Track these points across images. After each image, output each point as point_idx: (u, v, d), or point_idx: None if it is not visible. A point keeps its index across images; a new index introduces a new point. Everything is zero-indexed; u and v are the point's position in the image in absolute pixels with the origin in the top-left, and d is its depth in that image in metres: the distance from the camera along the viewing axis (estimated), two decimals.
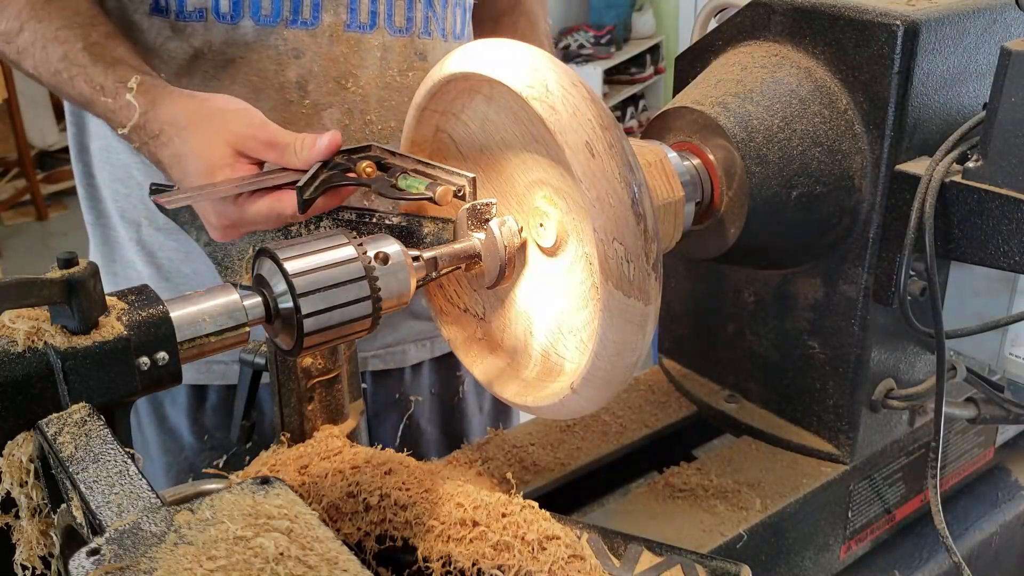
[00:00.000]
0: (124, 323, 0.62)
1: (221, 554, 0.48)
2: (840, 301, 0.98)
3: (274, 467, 0.88)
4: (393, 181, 0.84)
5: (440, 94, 0.82)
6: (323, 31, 1.09)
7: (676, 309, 1.18)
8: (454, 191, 0.80)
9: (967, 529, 1.20)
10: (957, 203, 0.88)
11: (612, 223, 0.68)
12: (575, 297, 0.79)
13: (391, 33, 1.13)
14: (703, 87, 0.95)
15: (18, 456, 0.60)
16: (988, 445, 1.24)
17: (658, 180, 0.86)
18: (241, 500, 0.52)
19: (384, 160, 0.85)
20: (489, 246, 0.81)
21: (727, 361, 1.13)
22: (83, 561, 0.47)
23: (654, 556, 0.80)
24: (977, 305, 1.03)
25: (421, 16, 1.14)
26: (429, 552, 0.80)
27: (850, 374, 1.00)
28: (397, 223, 0.86)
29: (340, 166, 0.85)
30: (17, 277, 0.58)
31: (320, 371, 0.92)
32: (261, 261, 0.71)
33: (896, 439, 1.07)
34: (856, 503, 1.07)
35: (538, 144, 0.77)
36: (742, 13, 0.99)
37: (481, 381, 0.88)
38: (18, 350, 0.59)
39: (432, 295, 0.92)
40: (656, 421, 1.12)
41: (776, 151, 0.89)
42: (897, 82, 0.88)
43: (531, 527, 0.79)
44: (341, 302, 0.70)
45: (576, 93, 0.70)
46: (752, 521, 0.94)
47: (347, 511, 0.83)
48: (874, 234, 0.93)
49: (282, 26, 1.08)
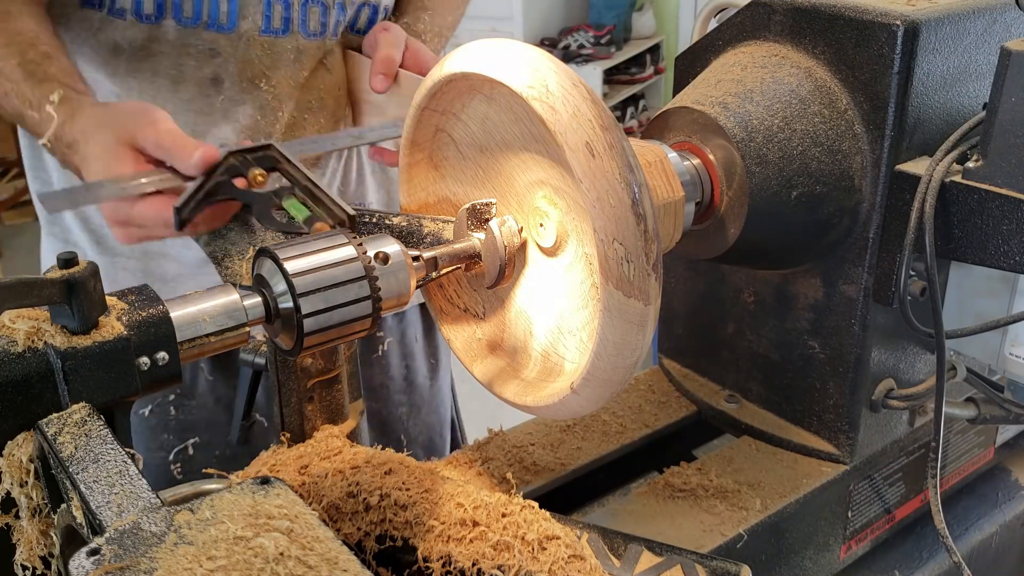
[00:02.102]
0: (124, 323, 0.62)
1: (221, 554, 0.48)
2: (840, 301, 0.98)
3: (274, 467, 0.88)
4: (278, 202, 0.85)
5: (440, 94, 0.82)
6: (239, 35, 1.16)
7: (676, 309, 1.18)
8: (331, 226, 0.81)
9: (967, 529, 1.20)
10: (957, 203, 0.88)
11: (612, 223, 0.68)
12: (575, 297, 0.79)
13: (304, 37, 1.19)
14: (703, 87, 0.95)
15: (18, 456, 0.60)
16: (988, 445, 1.24)
17: (658, 180, 0.86)
18: (241, 500, 0.52)
19: (277, 166, 0.86)
20: (489, 246, 0.81)
21: (727, 361, 1.13)
22: (83, 561, 0.47)
23: (654, 556, 0.80)
24: (977, 305, 1.03)
25: (333, 21, 1.21)
26: (429, 552, 0.80)
27: (850, 374, 1.00)
28: (397, 223, 0.86)
29: (233, 168, 0.86)
30: (17, 277, 0.58)
31: (320, 371, 0.92)
32: (261, 261, 0.71)
33: (896, 439, 1.08)
34: (856, 503, 1.07)
35: (538, 144, 0.77)
36: (742, 13, 0.99)
37: (481, 381, 0.88)
38: (18, 350, 0.59)
39: (432, 295, 0.92)
40: (656, 421, 1.12)
41: (776, 151, 0.89)
42: (897, 82, 0.88)
43: (531, 527, 0.79)
44: (341, 302, 0.70)
45: (576, 93, 0.70)
46: (752, 521, 0.94)
47: (347, 511, 0.83)
48: (874, 234, 0.93)
49: (201, 28, 1.14)
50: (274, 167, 0.87)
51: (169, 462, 1.29)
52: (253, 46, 1.16)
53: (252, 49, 1.16)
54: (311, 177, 0.84)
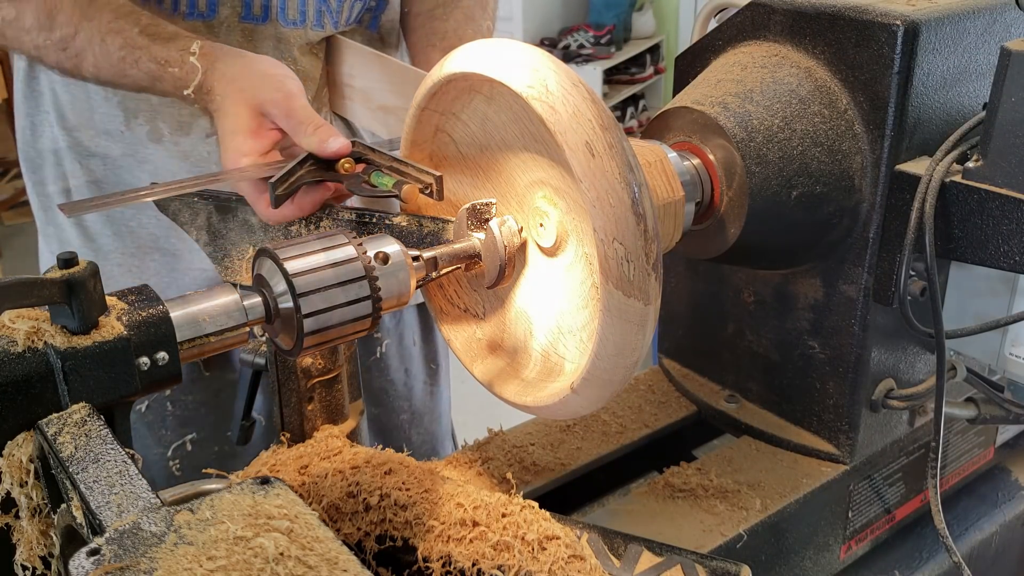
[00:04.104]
0: (124, 323, 0.62)
1: (221, 554, 0.48)
2: (840, 301, 0.98)
3: (274, 467, 0.88)
4: (366, 177, 0.88)
5: (440, 94, 0.82)
6: (219, 22, 1.16)
7: (676, 309, 1.18)
8: (420, 188, 0.84)
9: (967, 529, 1.20)
10: (957, 203, 0.88)
11: (612, 223, 0.68)
12: (575, 297, 0.79)
13: (284, 25, 1.19)
14: (703, 87, 0.95)
15: (18, 456, 0.60)
16: (988, 445, 1.24)
17: (658, 180, 0.86)
18: (241, 500, 0.52)
19: (363, 155, 0.89)
20: (489, 246, 0.81)
21: (727, 361, 1.13)
22: (83, 561, 0.47)
23: (654, 556, 0.80)
24: (977, 305, 1.03)
25: (314, 11, 1.21)
26: (429, 552, 0.80)
27: (850, 374, 1.00)
28: (397, 223, 0.86)
29: (322, 161, 0.88)
30: (17, 277, 0.58)
31: (320, 371, 0.92)
32: (261, 261, 0.71)
33: (896, 439, 1.07)
34: (856, 503, 1.07)
35: (538, 144, 0.77)
36: (742, 13, 0.99)
37: (481, 381, 0.88)
38: (18, 350, 0.59)
39: (432, 295, 0.92)
40: (656, 421, 1.12)
41: (776, 151, 0.89)
42: (897, 82, 0.88)
43: (531, 527, 0.79)
44: (341, 302, 0.70)
45: (576, 93, 0.70)
46: (752, 521, 0.94)
47: (347, 511, 0.83)
48: (874, 234, 0.93)
49: (180, 17, 1.15)
50: (359, 158, 0.89)
51: (168, 458, 1.29)
52: (233, 33, 1.17)
53: (232, 36, 1.17)
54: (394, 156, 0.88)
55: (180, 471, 1.30)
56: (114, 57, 1.03)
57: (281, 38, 1.20)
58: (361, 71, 1.23)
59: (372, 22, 1.30)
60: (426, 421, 1.52)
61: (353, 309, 0.71)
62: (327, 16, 1.22)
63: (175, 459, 1.29)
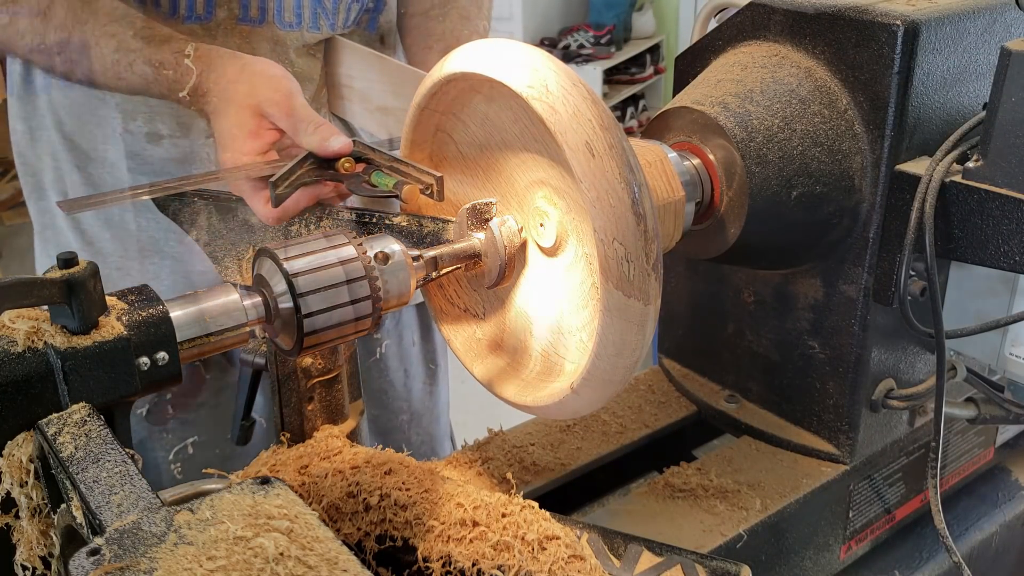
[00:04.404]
0: (124, 323, 0.62)
1: (221, 554, 0.48)
2: (840, 301, 0.98)
3: (274, 467, 0.88)
4: (366, 177, 0.88)
5: (440, 94, 0.82)
6: (216, 24, 1.17)
7: (676, 309, 1.18)
8: (421, 189, 0.84)
9: (967, 529, 1.20)
10: (957, 203, 0.88)
11: (612, 223, 0.68)
12: (575, 297, 0.79)
13: (280, 28, 1.20)
14: (703, 87, 0.95)
15: (18, 456, 0.60)
16: (988, 445, 1.24)
17: (658, 180, 0.86)
18: (241, 500, 0.52)
19: (363, 155, 0.89)
20: (489, 246, 0.81)
21: (727, 361, 1.13)
22: (83, 561, 0.47)
23: (654, 556, 0.80)
24: (977, 305, 1.03)
25: (309, 13, 1.21)
26: (429, 552, 0.80)
27: (850, 374, 1.00)
28: (397, 223, 0.86)
29: (322, 161, 0.89)
30: (17, 277, 0.58)
31: (320, 371, 0.92)
32: (261, 261, 0.71)
33: (896, 439, 1.07)
34: (856, 503, 1.07)
35: (538, 144, 0.77)
36: (742, 13, 0.99)
37: (481, 381, 0.88)
38: (18, 350, 0.59)
39: (432, 295, 0.92)
40: (656, 421, 1.12)
41: (776, 151, 0.89)
42: (897, 82, 0.88)
43: (531, 527, 0.79)
44: (341, 302, 0.70)
45: (576, 93, 0.70)
46: (752, 521, 0.94)
47: (347, 511, 0.83)
48: (874, 234, 0.93)
49: (178, 20, 1.15)
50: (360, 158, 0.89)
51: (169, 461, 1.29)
52: (231, 35, 1.17)
53: (229, 38, 1.17)
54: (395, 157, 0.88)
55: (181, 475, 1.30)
56: (108, 60, 1.03)
57: (278, 40, 1.20)
58: (360, 72, 1.23)
59: (370, 23, 1.30)
60: (425, 421, 1.52)
61: (353, 309, 0.71)
62: (323, 18, 1.22)
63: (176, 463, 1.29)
